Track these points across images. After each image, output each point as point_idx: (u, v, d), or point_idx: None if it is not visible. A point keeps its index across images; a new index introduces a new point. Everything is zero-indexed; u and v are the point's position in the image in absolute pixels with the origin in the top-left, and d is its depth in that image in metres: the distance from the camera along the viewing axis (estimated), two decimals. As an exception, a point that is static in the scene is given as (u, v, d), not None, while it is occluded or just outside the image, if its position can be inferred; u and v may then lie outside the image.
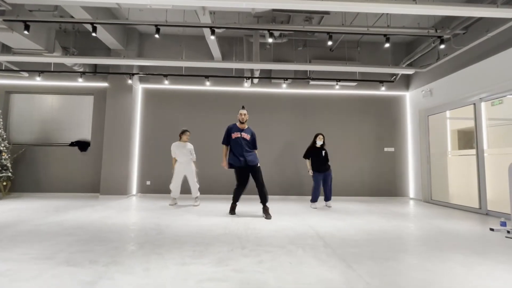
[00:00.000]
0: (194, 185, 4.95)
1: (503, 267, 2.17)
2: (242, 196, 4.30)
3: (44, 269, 1.97)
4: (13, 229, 3.05)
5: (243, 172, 4.04)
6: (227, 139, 4.10)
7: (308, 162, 5.07)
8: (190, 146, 5.00)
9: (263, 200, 4.00)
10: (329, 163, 5.08)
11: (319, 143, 5.05)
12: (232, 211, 4.14)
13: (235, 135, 4.05)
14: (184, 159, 4.91)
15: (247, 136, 4.07)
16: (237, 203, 4.22)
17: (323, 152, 5.03)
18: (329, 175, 5.05)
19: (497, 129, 4.70)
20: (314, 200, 5.12)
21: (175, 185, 4.94)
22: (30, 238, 2.73)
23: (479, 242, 2.87)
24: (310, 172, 5.02)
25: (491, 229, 3.40)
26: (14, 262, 2.09)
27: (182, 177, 4.98)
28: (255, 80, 6.39)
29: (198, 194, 5.04)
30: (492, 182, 4.60)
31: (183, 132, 4.99)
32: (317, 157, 5.01)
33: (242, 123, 4.09)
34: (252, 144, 4.12)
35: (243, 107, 4.19)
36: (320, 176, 5.01)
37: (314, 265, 2.14)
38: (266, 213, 3.92)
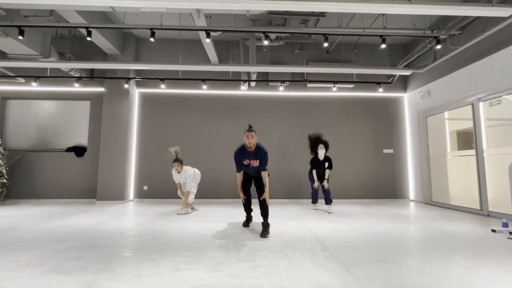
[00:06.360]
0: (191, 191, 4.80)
1: (507, 269, 2.11)
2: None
3: (32, 277, 1.90)
4: (4, 236, 2.98)
5: (246, 180, 3.58)
6: (241, 167, 3.49)
7: (314, 173, 4.96)
8: (186, 174, 4.61)
9: (263, 214, 3.39)
10: (326, 175, 4.88)
11: (321, 153, 4.89)
12: (246, 223, 3.65)
13: (245, 162, 3.45)
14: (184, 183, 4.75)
15: (256, 163, 3.41)
16: (251, 214, 3.73)
17: (326, 164, 4.88)
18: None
19: (496, 129, 4.66)
20: (314, 201, 5.06)
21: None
22: (20, 245, 2.66)
23: (481, 244, 2.81)
24: (315, 185, 4.87)
25: (493, 231, 3.34)
26: (1, 270, 2.02)
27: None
28: (252, 83, 6.38)
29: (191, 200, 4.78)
30: (492, 183, 4.54)
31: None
32: (318, 166, 4.92)
33: (249, 147, 3.39)
34: (262, 166, 3.45)
35: (250, 127, 3.44)
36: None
37: (311, 269, 2.07)
38: (264, 229, 3.25)
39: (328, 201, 4.80)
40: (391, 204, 5.87)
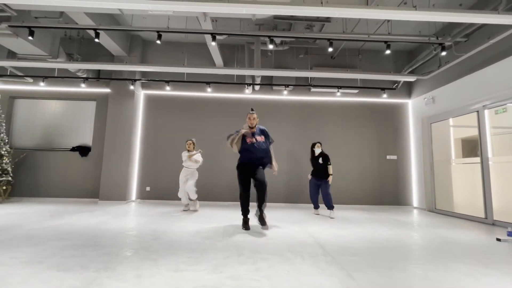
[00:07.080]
0: (191, 189, 4.89)
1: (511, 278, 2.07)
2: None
3: (33, 273, 1.91)
4: (7, 233, 3.00)
5: (247, 170, 3.54)
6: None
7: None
8: (195, 153, 5.03)
9: (260, 201, 3.37)
10: (330, 170, 4.83)
11: (317, 151, 4.99)
12: (246, 225, 3.53)
13: (249, 140, 3.58)
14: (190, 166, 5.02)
15: (262, 138, 3.64)
16: (248, 216, 3.61)
17: (320, 159, 4.92)
18: (325, 183, 4.79)
19: (502, 137, 4.62)
20: (314, 206, 5.05)
21: (181, 192, 4.95)
22: (23, 242, 2.68)
23: (485, 252, 2.76)
24: (308, 176, 5.09)
25: (498, 239, 3.28)
26: (3, 266, 2.04)
27: (186, 182, 4.95)
28: (257, 87, 6.40)
29: (195, 197, 4.98)
30: (498, 191, 4.49)
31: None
32: (314, 164, 5.02)
33: (251, 127, 3.63)
34: (270, 140, 3.78)
35: (252, 110, 3.69)
36: (314, 181, 4.96)
37: (312, 274, 2.05)
38: (261, 220, 3.26)
39: (330, 207, 4.75)
40: (394, 210, 5.81)
